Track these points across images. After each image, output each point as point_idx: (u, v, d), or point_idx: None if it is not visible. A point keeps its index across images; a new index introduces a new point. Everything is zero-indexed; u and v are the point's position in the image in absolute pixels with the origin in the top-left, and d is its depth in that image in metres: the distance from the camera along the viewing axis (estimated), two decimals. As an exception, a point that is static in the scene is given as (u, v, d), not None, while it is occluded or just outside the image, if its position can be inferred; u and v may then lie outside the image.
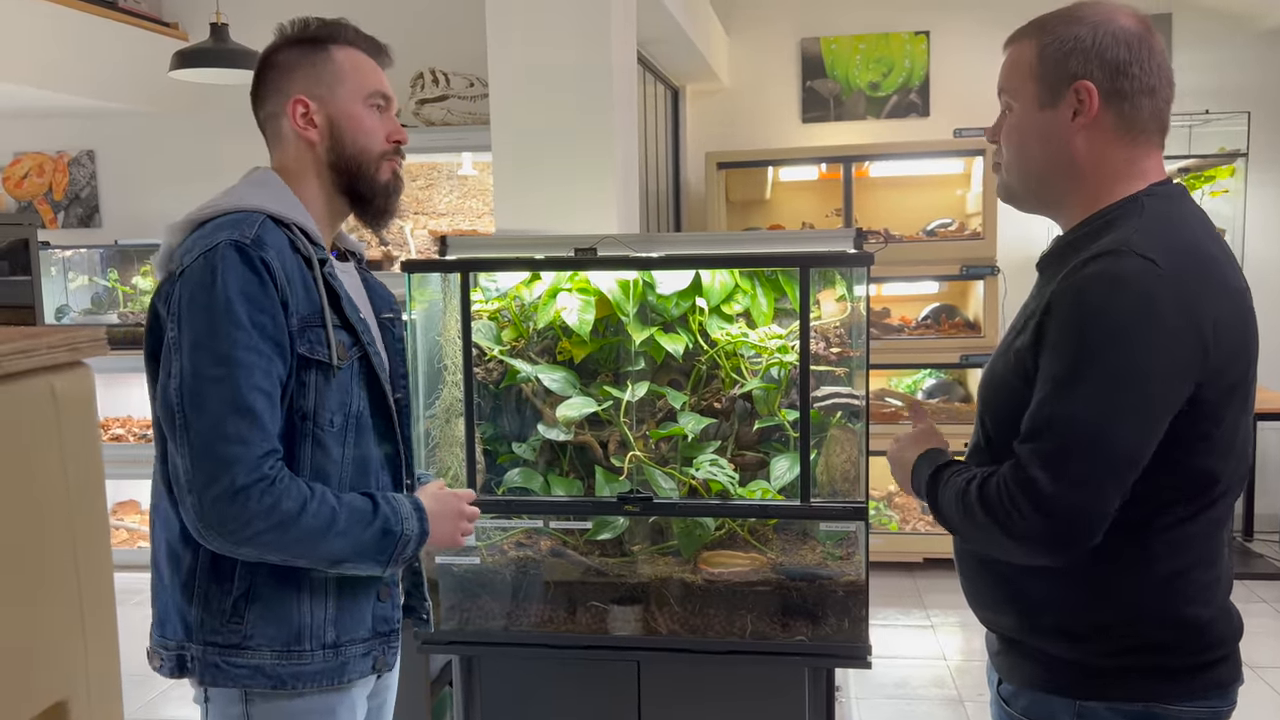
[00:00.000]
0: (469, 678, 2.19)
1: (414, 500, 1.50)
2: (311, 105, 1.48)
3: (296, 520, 1.33)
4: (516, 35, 2.90)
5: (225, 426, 1.31)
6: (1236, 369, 1.25)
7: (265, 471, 1.32)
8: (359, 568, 1.43)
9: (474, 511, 1.61)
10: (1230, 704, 1.32)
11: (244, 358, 1.32)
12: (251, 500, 1.31)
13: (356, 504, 1.41)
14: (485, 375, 2.21)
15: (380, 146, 1.52)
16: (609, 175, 2.90)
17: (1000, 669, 1.42)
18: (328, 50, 1.50)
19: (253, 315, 1.33)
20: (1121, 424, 1.20)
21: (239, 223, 1.38)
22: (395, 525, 1.43)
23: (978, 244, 4.69)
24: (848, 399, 2.10)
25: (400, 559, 1.45)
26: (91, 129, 5.39)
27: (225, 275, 1.33)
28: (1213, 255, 1.27)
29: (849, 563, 2.08)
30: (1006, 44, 1.39)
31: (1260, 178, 5.01)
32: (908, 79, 5.26)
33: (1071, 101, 1.30)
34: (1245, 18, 4.97)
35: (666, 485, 2.11)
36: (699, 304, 2.17)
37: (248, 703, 1.42)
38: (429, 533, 1.48)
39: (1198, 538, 1.27)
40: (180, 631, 1.43)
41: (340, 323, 1.45)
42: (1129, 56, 1.28)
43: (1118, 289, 1.19)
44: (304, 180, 1.50)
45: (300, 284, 1.40)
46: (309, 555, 1.38)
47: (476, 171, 4.80)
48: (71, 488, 0.70)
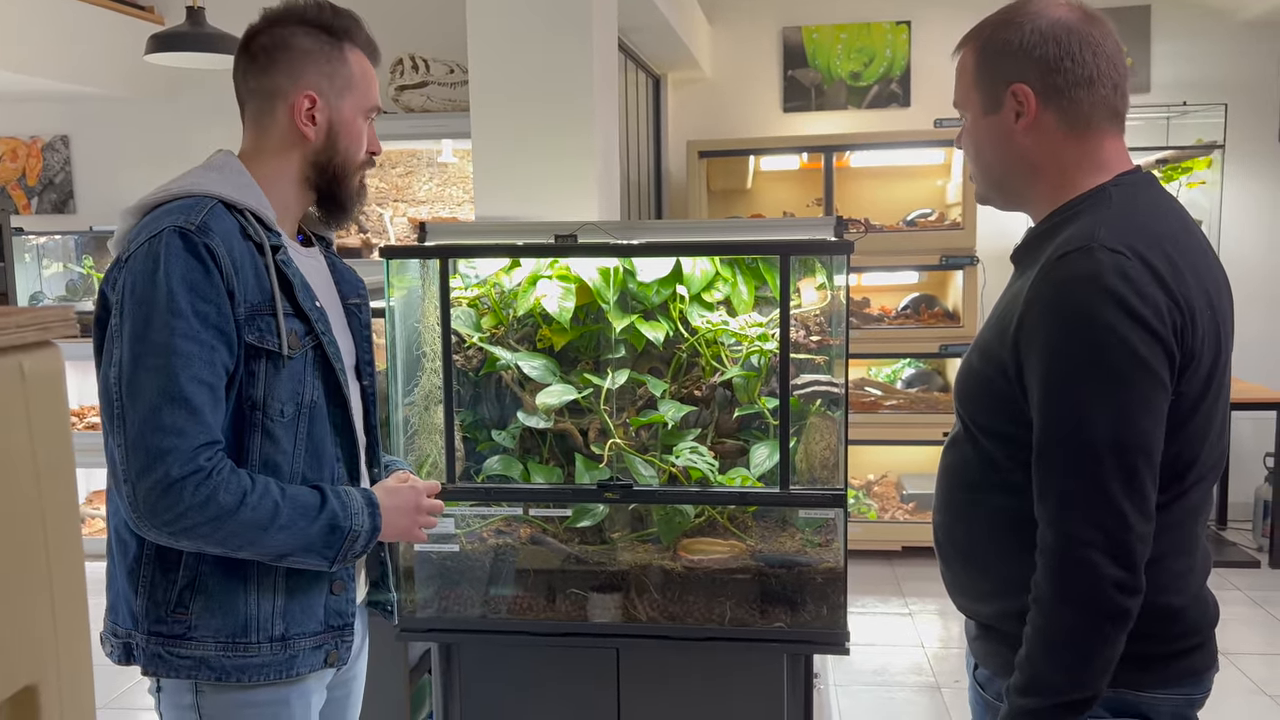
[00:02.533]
0: (448, 666, 2.18)
1: (367, 494, 1.46)
2: (319, 103, 1.46)
3: (234, 513, 1.30)
4: (496, 22, 2.88)
5: (160, 417, 1.28)
6: (1211, 356, 1.25)
7: (201, 464, 1.29)
8: (304, 562, 1.39)
9: (435, 505, 1.57)
10: (1204, 691, 1.33)
11: (183, 347, 1.29)
12: (185, 493, 1.27)
13: (302, 498, 1.38)
14: (465, 362, 2.20)
15: (362, 157, 1.53)
16: (589, 163, 2.89)
17: (978, 654, 1.43)
18: (343, 50, 1.48)
19: (195, 304, 1.31)
20: (1133, 426, 1.19)
21: (187, 208, 1.35)
22: (343, 521, 1.40)
23: (957, 234, 4.71)
24: (827, 387, 2.11)
25: (348, 554, 1.42)
26: (66, 113, 5.33)
27: (168, 263, 1.30)
28: (1184, 243, 1.27)
29: (828, 550, 2.09)
30: (954, 51, 1.40)
31: (1236, 170, 5.05)
32: (889, 69, 5.27)
33: (1011, 105, 1.31)
34: (1223, 10, 5.00)
35: (646, 473, 2.11)
36: (680, 291, 2.16)
37: (198, 693, 1.40)
38: (380, 528, 1.45)
39: (1172, 526, 1.27)
40: (128, 620, 1.41)
41: (293, 311, 1.42)
42: (1059, 52, 1.28)
43: (1095, 288, 1.19)
44: (279, 166, 1.47)
45: (250, 271, 1.37)
46: (250, 548, 1.34)
47: (457, 159, 4.77)
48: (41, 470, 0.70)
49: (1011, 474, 1.31)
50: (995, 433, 1.32)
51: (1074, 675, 1.21)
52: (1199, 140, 4.96)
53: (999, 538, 1.35)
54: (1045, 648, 1.23)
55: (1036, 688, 1.22)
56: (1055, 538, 1.21)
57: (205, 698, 1.41)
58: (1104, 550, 1.18)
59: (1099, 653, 1.20)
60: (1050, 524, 1.22)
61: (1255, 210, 5.12)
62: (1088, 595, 1.19)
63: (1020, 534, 1.29)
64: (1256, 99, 5.04)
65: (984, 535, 1.37)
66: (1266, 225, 5.13)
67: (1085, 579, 1.19)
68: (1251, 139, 5.05)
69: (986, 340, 1.35)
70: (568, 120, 2.87)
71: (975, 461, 1.37)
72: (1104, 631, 1.20)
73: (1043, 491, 1.23)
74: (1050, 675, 1.22)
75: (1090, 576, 1.18)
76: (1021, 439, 1.27)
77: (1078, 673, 1.21)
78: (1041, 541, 1.24)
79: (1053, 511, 1.22)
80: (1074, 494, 1.20)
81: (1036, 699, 1.22)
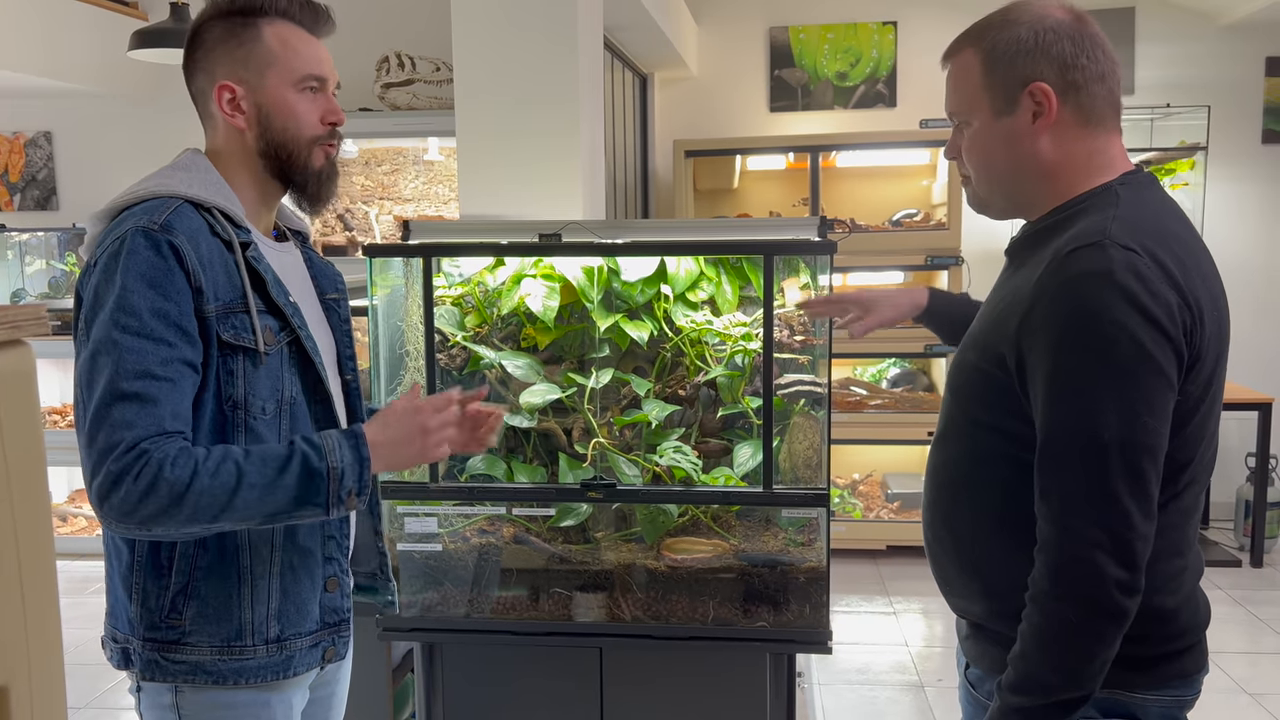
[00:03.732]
0: (431, 665, 2.18)
1: (346, 430, 1.37)
2: (238, 91, 1.41)
3: (190, 486, 1.24)
4: (481, 19, 2.87)
5: (110, 412, 1.25)
6: (1213, 358, 1.25)
7: (143, 448, 1.24)
8: (299, 515, 1.32)
9: (445, 417, 1.42)
10: (1195, 692, 1.32)
11: (131, 344, 1.27)
12: (127, 481, 1.23)
13: (268, 451, 1.31)
14: (449, 361, 2.19)
15: (312, 132, 1.45)
16: (574, 161, 2.88)
17: (969, 654, 1.42)
18: (257, 26, 1.41)
19: (153, 301, 1.29)
20: (1140, 425, 1.18)
21: (151, 209, 1.34)
22: (318, 462, 1.31)
23: (943, 234, 4.72)
24: (810, 386, 2.11)
25: (341, 495, 1.32)
26: (49, 110, 5.29)
27: (128, 263, 1.29)
28: (1189, 243, 1.26)
29: (810, 549, 2.09)
30: (945, 57, 1.38)
31: (1219, 171, 5.08)
32: (875, 69, 5.28)
33: (1029, 105, 1.29)
34: (1206, 12, 5.03)
35: (630, 472, 2.11)
36: (664, 291, 2.16)
37: (178, 693, 1.39)
38: (367, 458, 1.34)
39: (1167, 527, 1.26)
40: (125, 625, 1.40)
41: (266, 307, 1.40)
42: (1074, 49, 1.28)
43: (1108, 284, 1.17)
44: (233, 163, 1.45)
45: (220, 268, 1.35)
46: (229, 517, 1.27)
47: (443, 157, 4.76)
48: (11, 470, 0.69)
49: (1004, 471, 1.30)
50: (992, 427, 1.31)
51: (1069, 674, 1.20)
52: (1182, 142, 4.99)
53: (990, 536, 1.34)
54: (1041, 645, 1.22)
55: (1030, 685, 1.22)
56: (1058, 535, 1.20)
57: (185, 697, 1.40)
58: (1107, 550, 1.17)
59: (1096, 653, 1.20)
60: (1052, 521, 1.21)
61: (1238, 211, 5.15)
62: (1089, 595, 1.18)
63: (1012, 532, 1.29)
64: (1239, 101, 5.07)
65: (975, 534, 1.36)
66: (1249, 226, 5.16)
67: (1087, 578, 1.18)
68: (1234, 141, 5.08)
69: (983, 334, 1.34)
70: (552, 118, 2.87)
71: (966, 459, 1.37)
72: (1102, 631, 1.19)
73: (1045, 488, 1.22)
74: (1044, 673, 1.21)
75: (1093, 576, 1.18)
76: (1019, 434, 1.27)
77: (1073, 672, 1.20)
78: (1042, 538, 1.23)
79: (1056, 509, 1.21)
80: (1078, 492, 1.19)
81: (1029, 697, 1.22)
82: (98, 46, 4.64)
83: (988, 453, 1.33)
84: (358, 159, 4.77)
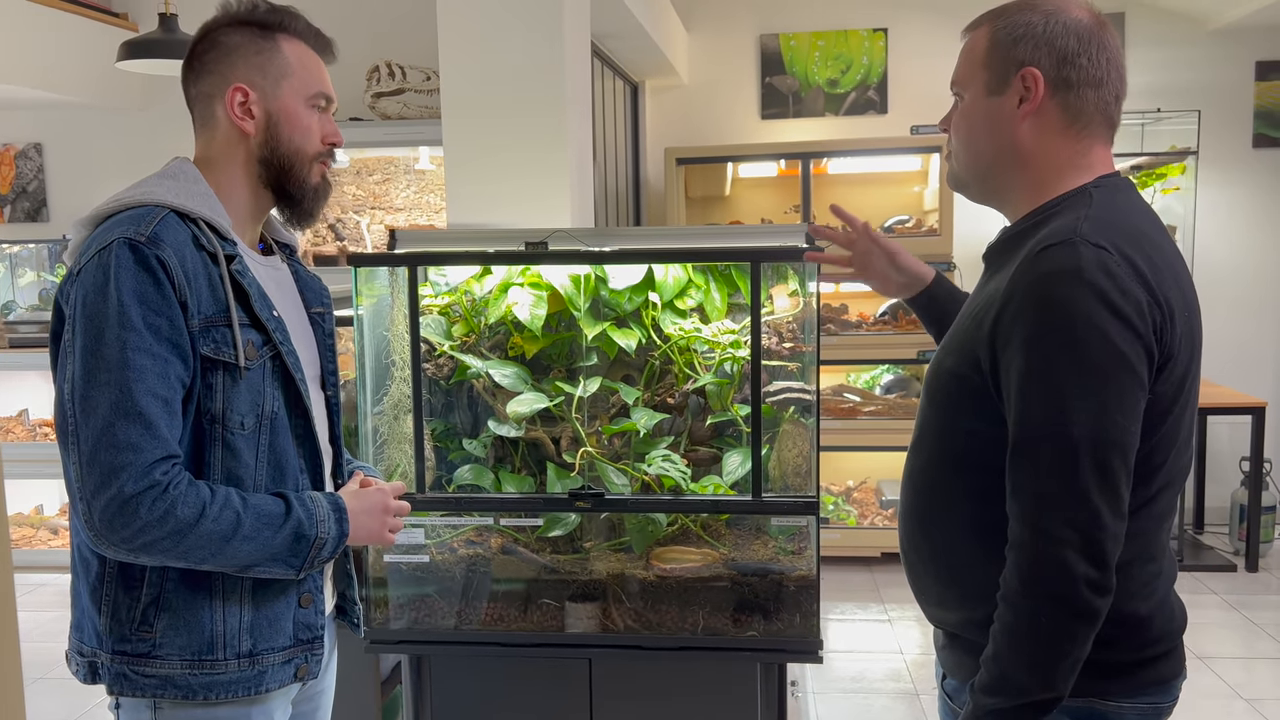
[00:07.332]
0: (419, 678, 2.16)
1: (333, 499, 1.44)
2: (252, 95, 1.43)
3: (194, 527, 1.28)
4: (467, 28, 2.87)
5: (115, 433, 1.25)
6: (1186, 359, 1.25)
7: (157, 478, 1.26)
8: (270, 571, 1.37)
9: (402, 506, 1.55)
10: (1172, 699, 1.32)
11: (136, 361, 1.27)
12: (142, 508, 1.25)
13: (266, 507, 1.36)
14: (435, 371, 2.18)
15: (315, 148, 1.48)
16: (563, 169, 2.87)
17: (945, 665, 1.41)
18: (275, 40, 1.45)
19: (147, 317, 1.28)
20: (1111, 423, 1.17)
21: (137, 218, 1.33)
22: (309, 529, 1.38)
23: (934, 240, 4.72)
24: (799, 394, 2.10)
25: (315, 562, 1.40)
26: (39, 121, 5.28)
27: (118, 275, 1.28)
28: (1160, 245, 1.26)
29: (800, 558, 2.07)
30: (965, 30, 1.39)
31: (1210, 176, 5.09)
32: (866, 76, 5.28)
33: (1018, 88, 1.30)
34: (1197, 17, 5.04)
35: (619, 481, 2.09)
36: (652, 299, 2.15)
37: (157, 710, 1.38)
38: (347, 533, 1.43)
39: (1139, 532, 1.26)
40: (92, 639, 1.38)
41: (249, 321, 1.39)
42: (1078, 47, 1.28)
43: (1078, 280, 1.17)
44: (229, 170, 1.45)
45: (204, 282, 1.35)
46: (213, 561, 1.32)
47: (434, 166, 4.75)
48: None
49: (980, 477, 1.29)
50: (969, 432, 1.31)
51: (1041, 675, 1.20)
52: (1173, 146, 4.99)
53: (965, 544, 1.33)
54: (1013, 644, 1.21)
55: (1002, 686, 1.21)
56: (1028, 534, 1.19)
57: (164, 714, 1.38)
58: (1077, 549, 1.17)
59: (1067, 652, 1.19)
60: (1022, 519, 1.20)
61: (1229, 216, 5.16)
62: (1059, 593, 1.17)
63: (987, 540, 1.28)
64: (1229, 105, 5.08)
65: (950, 542, 1.36)
66: (1240, 231, 5.17)
67: (1057, 577, 1.17)
68: (1225, 145, 5.09)
69: (959, 338, 1.34)
70: (540, 126, 2.86)
71: (940, 466, 1.36)
72: (1073, 630, 1.18)
73: (1016, 486, 1.22)
74: (1016, 674, 1.21)
75: (1063, 574, 1.17)
76: (994, 437, 1.26)
77: (1045, 672, 1.19)
78: (1013, 536, 1.22)
79: (1026, 507, 1.20)
80: (1049, 490, 1.18)
81: (1002, 698, 1.21)
82: (88, 57, 4.63)
83: (963, 458, 1.32)
84: (349, 168, 4.76)
